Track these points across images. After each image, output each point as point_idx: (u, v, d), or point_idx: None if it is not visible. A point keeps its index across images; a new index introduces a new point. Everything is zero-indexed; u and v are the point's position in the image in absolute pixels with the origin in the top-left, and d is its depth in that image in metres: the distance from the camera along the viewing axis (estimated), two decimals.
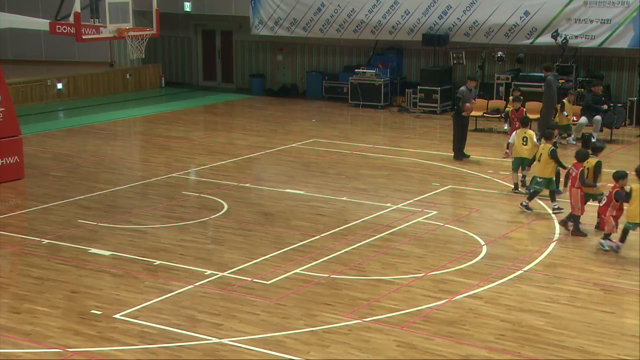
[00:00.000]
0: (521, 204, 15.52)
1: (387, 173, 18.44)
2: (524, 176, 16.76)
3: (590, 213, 14.25)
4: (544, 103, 20.94)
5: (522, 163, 16.54)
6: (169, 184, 17.53)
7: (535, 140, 16.45)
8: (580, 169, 13.96)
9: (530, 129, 17.12)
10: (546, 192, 15.43)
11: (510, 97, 21.60)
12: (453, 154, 19.71)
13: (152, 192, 16.94)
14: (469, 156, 19.58)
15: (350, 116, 26.09)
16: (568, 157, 20.03)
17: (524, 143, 16.37)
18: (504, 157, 19.23)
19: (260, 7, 28.75)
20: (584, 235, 13.94)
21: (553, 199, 15.41)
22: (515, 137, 16.63)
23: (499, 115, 22.75)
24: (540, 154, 15.16)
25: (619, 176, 13.20)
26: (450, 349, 9.86)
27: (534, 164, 15.84)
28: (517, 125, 17.64)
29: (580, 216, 14.01)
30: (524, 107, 20.22)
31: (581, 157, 14.09)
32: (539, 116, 20.74)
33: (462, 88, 19.77)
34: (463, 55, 25.76)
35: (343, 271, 12.38)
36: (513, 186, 16.80)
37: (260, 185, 17.53)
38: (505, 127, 20.43)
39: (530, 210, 15.34)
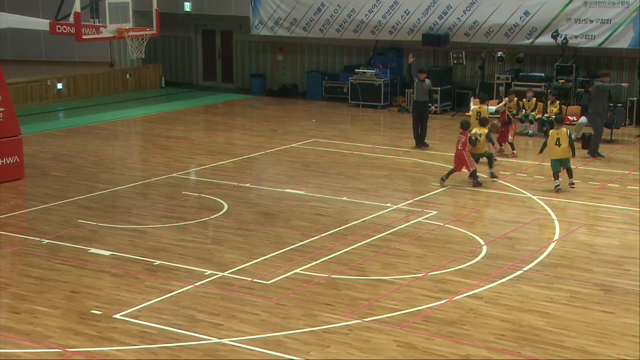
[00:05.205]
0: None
1: (387, 173, 18.44)
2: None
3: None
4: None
5: (561, 164, 16.83)
6: (169, 184, 17.53)
7: (571, 136, 17.04)
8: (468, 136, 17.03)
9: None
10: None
11: (506, 98, 21.52)
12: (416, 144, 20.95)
13: (152, 192, 16.94)
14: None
15: (350, 116, 26.08)
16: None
17: (558, 144, 16.75)
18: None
19: (260, 7, 28.74)
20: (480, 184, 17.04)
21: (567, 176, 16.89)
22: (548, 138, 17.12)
23: (498, 116, 22.70)
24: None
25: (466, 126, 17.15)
26: (450, 349, 9.86)
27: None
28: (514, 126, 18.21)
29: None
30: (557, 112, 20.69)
31: (465, 126, 17.28)
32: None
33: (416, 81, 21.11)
34: (463, 55, 25.75)
35: (343, 271, 12.38)
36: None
37: (260, 185, 17.53)
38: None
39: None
